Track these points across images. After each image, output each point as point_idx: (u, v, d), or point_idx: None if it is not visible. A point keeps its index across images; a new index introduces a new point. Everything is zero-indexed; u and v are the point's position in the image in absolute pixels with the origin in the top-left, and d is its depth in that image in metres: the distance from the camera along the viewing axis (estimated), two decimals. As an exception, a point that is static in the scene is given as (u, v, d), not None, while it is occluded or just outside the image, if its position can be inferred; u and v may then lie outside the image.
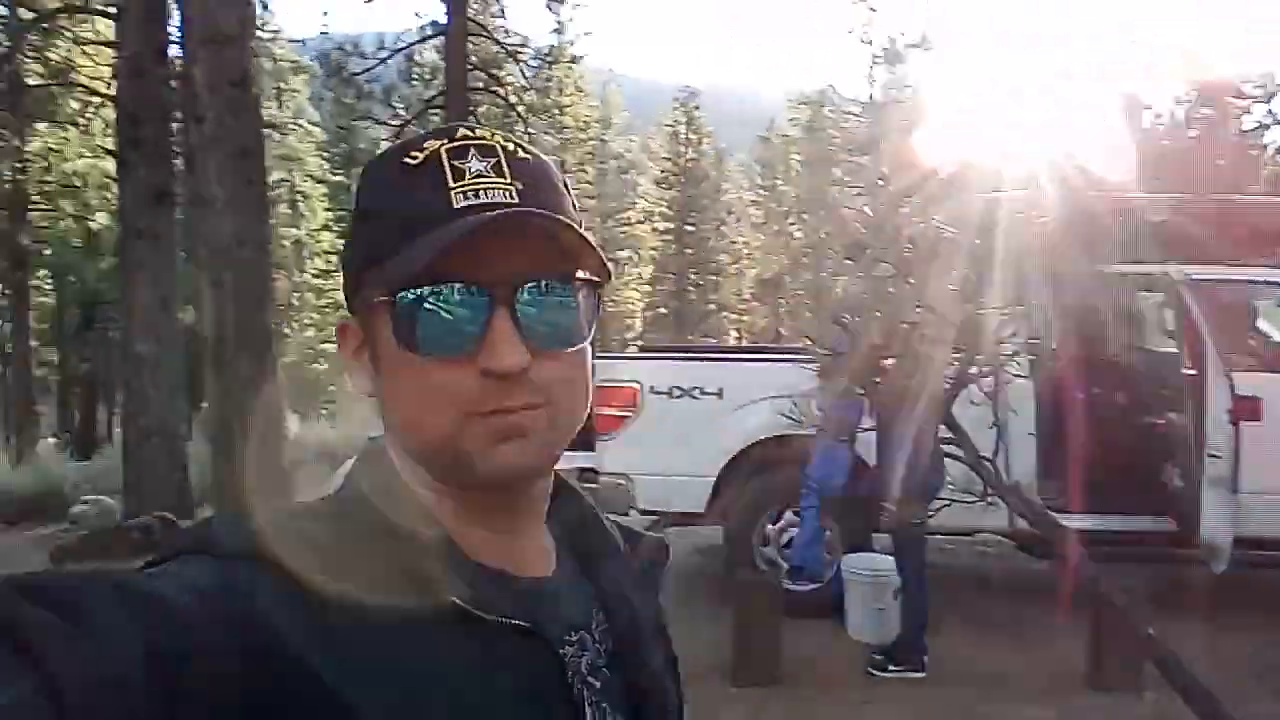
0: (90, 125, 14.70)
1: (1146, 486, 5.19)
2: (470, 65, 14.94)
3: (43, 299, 21.36)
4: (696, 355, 6.43)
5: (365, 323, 0.66)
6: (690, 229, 33.31)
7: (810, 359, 3.64)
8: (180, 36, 7.40)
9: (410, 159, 0.64)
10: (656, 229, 33.73)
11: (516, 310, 0.61)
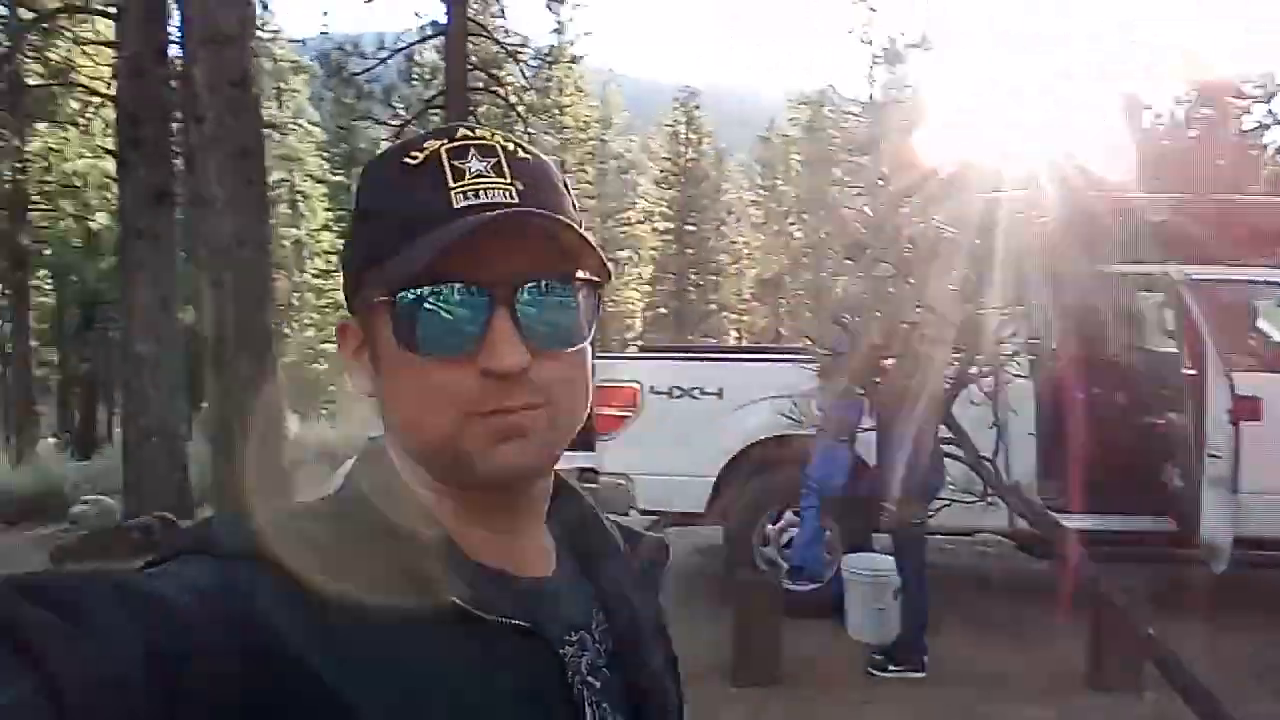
0: (90, 125, 14.70)
1: (1146, 486, 5.19)
2: (470, 65, 14.93)
3: (43, 299, 21.37)
4: (696, 355, 6.43)
5: (365, 323, 0.66)
6: (690, 229, 33.30)
7: (810, 359, 3.64)
8: (180, 36, 7.40)
9: (410, 159, 0.64)
10: (656, 229, 33.72)
11: (516, 310, 0.61)
